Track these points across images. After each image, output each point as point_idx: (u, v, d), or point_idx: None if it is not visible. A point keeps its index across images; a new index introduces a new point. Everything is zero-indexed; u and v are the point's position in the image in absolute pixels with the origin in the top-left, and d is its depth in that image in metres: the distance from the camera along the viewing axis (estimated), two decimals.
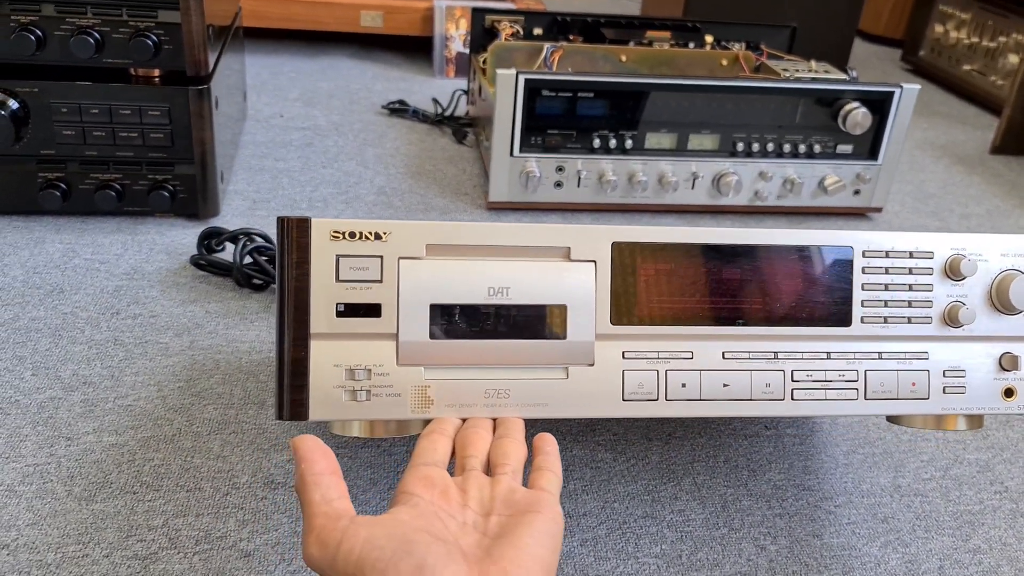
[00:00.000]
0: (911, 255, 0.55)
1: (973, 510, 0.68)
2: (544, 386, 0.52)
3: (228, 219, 1.07)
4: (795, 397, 0.55)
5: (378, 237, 0.49)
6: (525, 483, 0.49)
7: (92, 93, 0.90)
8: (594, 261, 0.52)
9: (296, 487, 0.45)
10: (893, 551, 0.63)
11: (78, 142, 0.93)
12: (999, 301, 0.56)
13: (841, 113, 1.08)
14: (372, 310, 0.50)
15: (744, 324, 0.54)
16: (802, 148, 1.09)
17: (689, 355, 0.54)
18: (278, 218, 0.50)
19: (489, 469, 0.49)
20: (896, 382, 0.56)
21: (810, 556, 0.62)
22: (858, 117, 1.08)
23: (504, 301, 0.51)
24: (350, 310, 0.50)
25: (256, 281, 0.93)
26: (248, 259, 0.94)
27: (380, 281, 0.50)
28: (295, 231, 0.49)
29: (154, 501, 0.62)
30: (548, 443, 0.52)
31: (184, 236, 1.01)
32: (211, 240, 0.96)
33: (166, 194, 0.97)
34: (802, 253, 0.54)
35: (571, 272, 0.52)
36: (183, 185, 0.98)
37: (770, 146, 1.09)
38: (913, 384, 0.56)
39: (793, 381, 0.55)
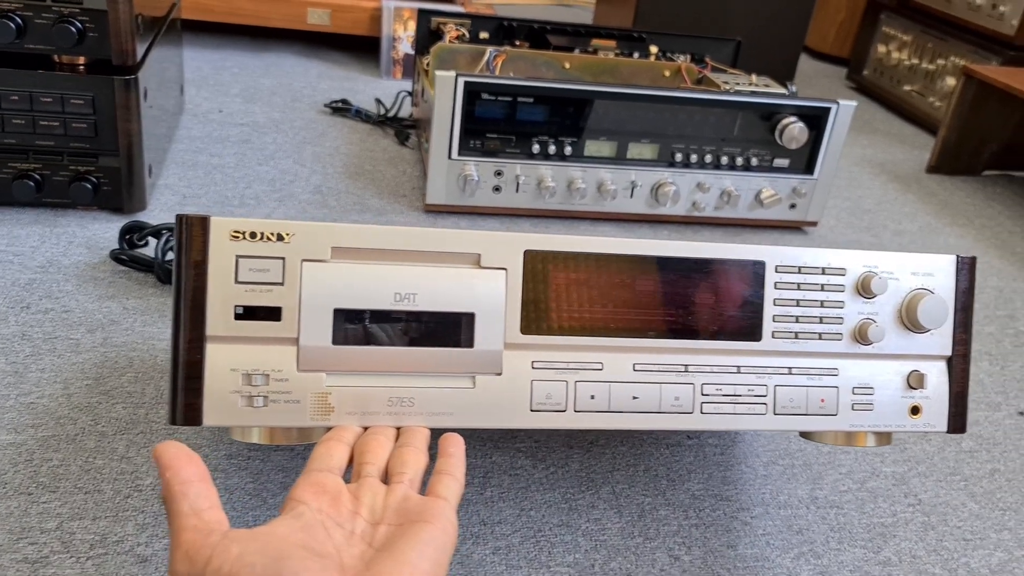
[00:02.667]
0: (823, 271, 0.55)
1: (886, 522, 0.68)
2: (450, 395, 0.51)
3: (156, 214, 1.04)
4: (704, 411, 0.54)
5: (280, 238, 0.48)
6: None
7: (12, 79, 0.87)
8: (505, 269, 0.51)
9: (163, 497, 0.42)
10: (805, 562, 0.63)
11: None
12: (908, 320, 0.56)
13: (779, 127, 1.09)
14: (272, 313, 0.48)
15: (655, 336, 0.53)
16: (740, 161, 1.10)
17: (599, 366, 0.53)
18: (176, 216, 0.48)
19: (387, 478, 0.48)
20: (805, 398, 0.55)
21: (723, 567, 0.61)
22: (795, 131, 1.08)
23: (411, 307, 0.49)
24: (249, 313, 0.48)
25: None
26: (171, 255, 0.92)
27: (282, 284, 0.48)
28: (193, 230, 0.47)
29: (49, 503, 0.60)
30: (453, 444, 0.50)
31: (107, 230, 0.98)
32: (133, 235, 0.94)
33: (88, 186, 0.94)
34: (715, 266, 0.54)
35: (481, 279, 0.50)
36: (107, 177, 0.95)
37: (708, 158, 1.09)
38: (822, 400, 0.56)
39: (703, 395, 0.54)
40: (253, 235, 0.47)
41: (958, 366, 0.57)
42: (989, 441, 0.84)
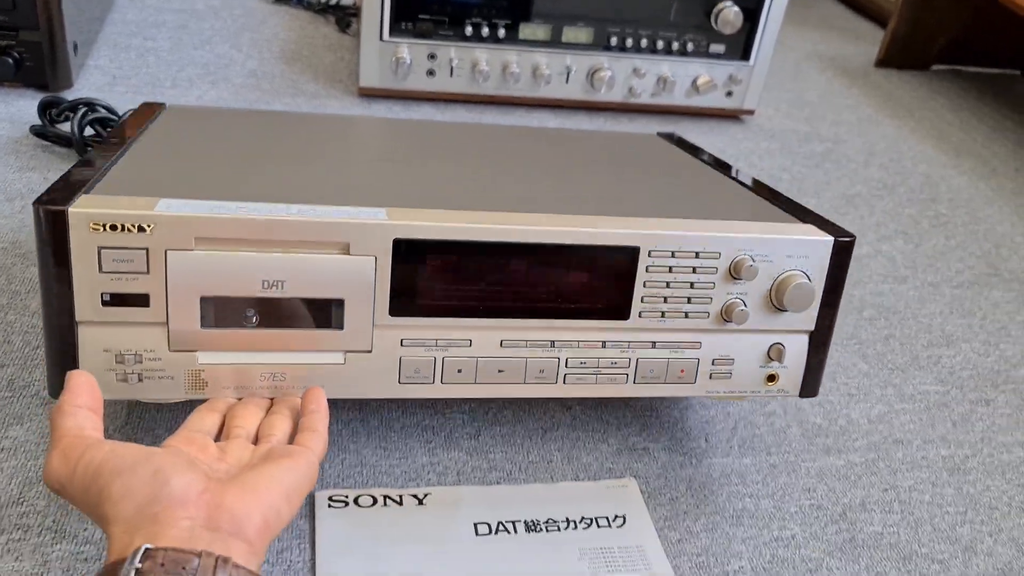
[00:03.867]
0: (697, 255, 0.55)
1: None
2: (321, 371, 0.53)
3: (83, 92, 1.02)
4: (567, 381, 0.56)
5: (141, 229, 0.47)
6: None
7: None
8: (375, 256, 0.51)
9: (51, 415, 0.45)
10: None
11: None
12: (776, 300, 0.57)
13: (714, 11, 1.03)
14: (140, 299, 0.48)
15: (523, 316, 0.54)
16: (676, 46, 1.05)
17: (467, 343, 0.54)
18: (34, 207, 0.46)
19: (256, 442, 0.50)
20: (666, 369, 0.58)
21: (611, 414, 0.66)
22: (729, 16, 1.03)
23: (279, 295, 0.50)
24: (117, 300, 0.48)
25: None
26: (90, 130, 0.89)
27: (147, 272, 0.48)
28: (51, 223, 0.46)
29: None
30: (314, 401, 0.52)
31: (31, 106, 0.96)
32: (52, 109, 0.91)
33: (10, 61, 0.90)
34: (586, 252, 0.54)
35: (349, 267, 0.50)
36: (29, 52, 0.91)
37: (644, 42, 1.04)
38: (682, 371, 0.58)
39: (567, 367, 0.56)
40: (114, 227, 0.47)
41: (818, 339, 0.59)
42: (890, 311, 0.89)
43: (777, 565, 0.58)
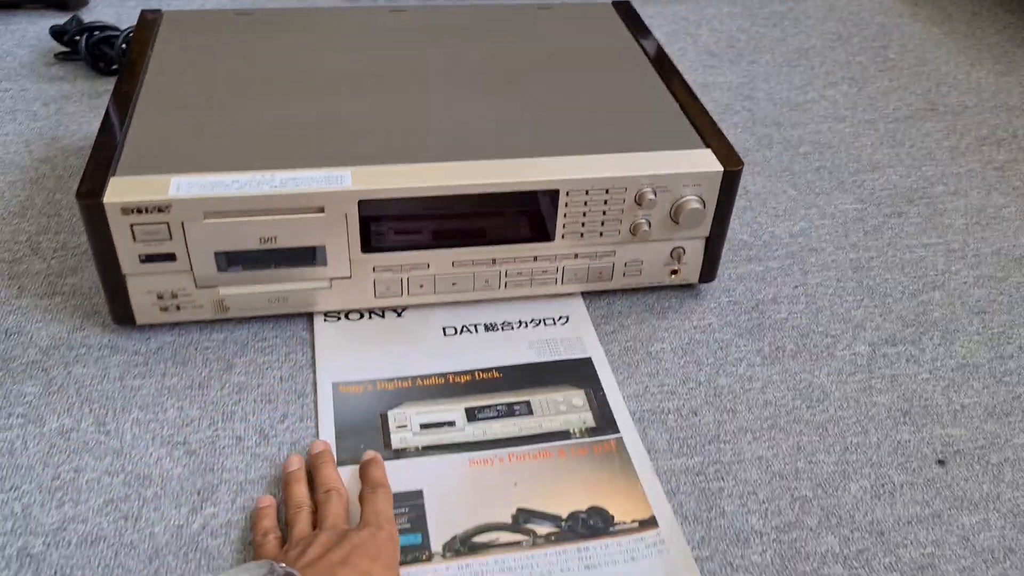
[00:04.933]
0: (607, 191, 0.67)
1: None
2: (313, 293, 0.68)
3: (98, 9, 1.13)
4: (507, 287, 0.71)
5: (161, 210, 0.60)
6: None
7: None
8: (345, 213, 0.63)
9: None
10: None
11: None
12: (675, 219, 0.69)
13: None
14: (169, 257, 0.63)
15: (469, 245, 0.68)
16: None
17: (426, 266, 0.68)
18: (79, 202, 0.59)
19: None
20: (587, 273, 0.72)
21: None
22: None
23: (273, 247, 0.64)
24: (151, 258, 0.62)
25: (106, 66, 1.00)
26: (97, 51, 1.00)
27: (170, 239, 0.62)
28: (91, 212, 0.59)
29: (20, 224, 0.79)
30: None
31: (57, 23, 1.05)
32: (62, 36, 1.01)
33: None
34: (517, 195, 0.66)
35: (325, 223, 0.63)
36: None
37: None
38: (600, 273, 0.72)
39: (506, 277, 0.71)
40: (139, 210, 0.60)
41: (712, 243, 0.72)
42: (825, 146, 1.00)
43: (693, 345, 0.71)
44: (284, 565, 0.46)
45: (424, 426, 0.62)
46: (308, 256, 0.65)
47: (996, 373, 0.70)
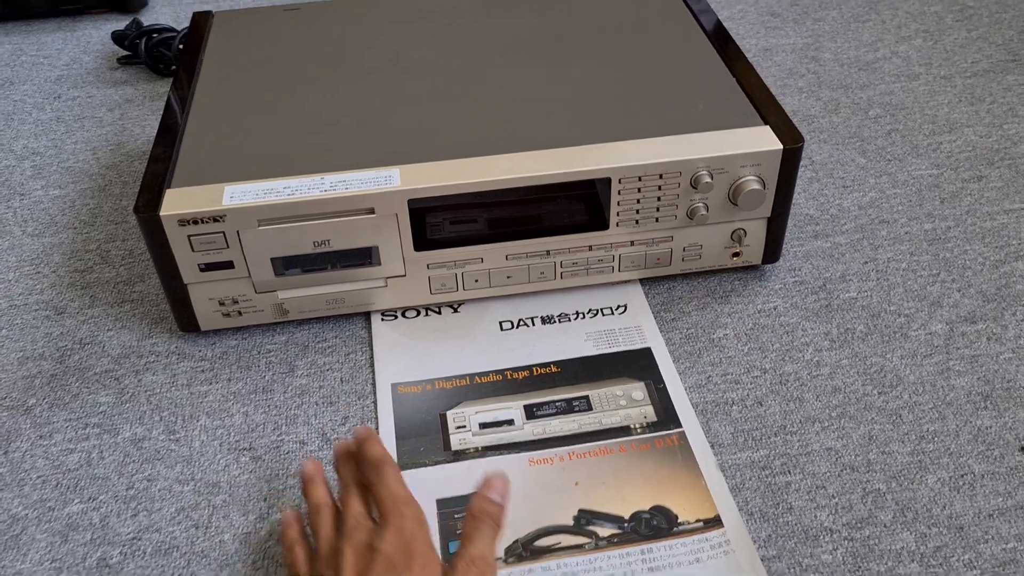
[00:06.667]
0: (661, 176, 0.64)
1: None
2: (370, 293, 0.67)
3: (157, 9, 1.15)
4: (563, 277, 0.69)
5: (216, 220, 0.60)
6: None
7: None
8: (395, 214, 0.62)
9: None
10: None
11: None
12: (733, 200, 0.66)
13: None
14: (227, 264, 0.63)
15: (522, 238, 0.66)
16: None
17: (480, 260, 0.67)
18: (137, 216, 0.60)
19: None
20: (644, 259, 0.69)
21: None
22: None
23: (327, 250, 0.63)
24: (210, 267, 0.63)
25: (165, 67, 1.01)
26: (159, 51, 1.01)
27: (227, 247, 0.62)
28: (149, 225, 0.60)
29: (90, 233, 0.81)
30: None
31: (118, 28, 1.08)
32: (123, 40, 1.03)
33: None
34: (568, 184, 0.63)
35: (376, 224, 0.63)
36: None
37: None
38: (658, 259, 0.70)
39: (561, 267, 0.69)
40: (195, 221, 0.60)
41: (775, 223, 0.69)
42: (897, 107, 0.95)
43: (757, 331, 0.67)
44: None
45: (483, 425, 0.61)
46: (362, 257, 0.65)
47: None
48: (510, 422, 0.61)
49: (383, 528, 0.48)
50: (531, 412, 0.62)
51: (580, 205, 0.66)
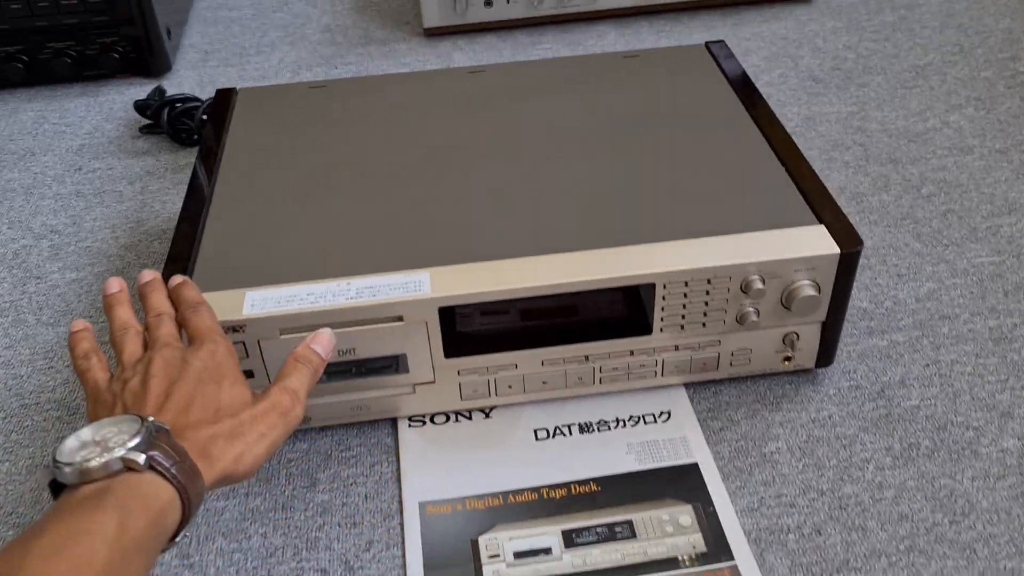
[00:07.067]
0: (709, 281, 0.60)
1: None
2: (396, 400, 0.63)
3: (181, 73, 1.13)
4: (601, 383, 0.65)
5: (236, 330, 0.57)
6: None
7: None
8: (425, 321, 0.59)
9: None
10: None
11: (26, 14, 0.99)
12: (786, 304, 0.62)
13: None
14: (247, 374, 0.59)
15: (558, 344, 0.62)
16: None
17: (514, 366, 0.63)
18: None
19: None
20: (689, 365, 0.65)
21: None
22: None
23: (352, 359, 0.59)
24: None
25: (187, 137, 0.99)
26: (179, 123, 0.99)
27: (247, 356, 0.58)
28: None
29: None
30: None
31: (141, 94, 1.07)
32: (146, 110, 1.01)
33: (115, 55, 1.03)
34: (609, 291, 0.59)
35: (405, 332, 0.59)
36: (130, 45, 1.02)
37: None
38: (704, 364, 0.65)
39: (601, 373, 0.64)
40: None
41: (829, 328, 0.64)
42: (951, 185, 0.89)
43: (812, 443, 0.63)
44: (154, 419, 0.44)
45: (518, 555, 0.56)
46: (389, 364, 0.61)
47: None
48: (547, 551, 0.56)
49: (195, 348, 0.50)
50: (570, 539, 0.57)
51: (622, 308, 0.61)
